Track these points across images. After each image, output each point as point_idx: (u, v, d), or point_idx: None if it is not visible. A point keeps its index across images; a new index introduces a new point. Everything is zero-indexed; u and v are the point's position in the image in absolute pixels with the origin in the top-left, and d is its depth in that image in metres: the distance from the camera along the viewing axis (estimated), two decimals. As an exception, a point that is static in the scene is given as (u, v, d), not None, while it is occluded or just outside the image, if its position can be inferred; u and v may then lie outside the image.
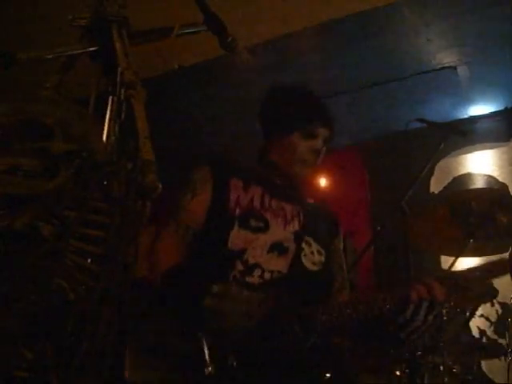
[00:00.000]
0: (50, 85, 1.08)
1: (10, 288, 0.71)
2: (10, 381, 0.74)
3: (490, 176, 4.37)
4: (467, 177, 4.44)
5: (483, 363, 3.37)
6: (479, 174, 4.39)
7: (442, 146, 2.55)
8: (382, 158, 4.53)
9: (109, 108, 1.00)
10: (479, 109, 4.46)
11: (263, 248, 1.68)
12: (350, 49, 3.81)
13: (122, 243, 0.74)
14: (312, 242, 1.77)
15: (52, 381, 0.74)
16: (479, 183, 4.37)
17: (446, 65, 3.98)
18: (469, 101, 4.37)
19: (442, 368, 2.65)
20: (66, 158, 0.73)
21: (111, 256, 0.74)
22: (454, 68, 4.01)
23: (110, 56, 1.05)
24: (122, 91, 1.00)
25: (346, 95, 4.19)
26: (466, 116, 4.50)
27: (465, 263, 3.71)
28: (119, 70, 1.01)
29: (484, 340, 3.09)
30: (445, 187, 4.40)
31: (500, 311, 3.64)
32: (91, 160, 0.73)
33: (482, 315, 3.39)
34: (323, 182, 4.48)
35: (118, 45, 1.04)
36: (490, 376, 3.43)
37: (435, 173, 4.37)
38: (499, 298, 3.50)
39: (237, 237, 1.68)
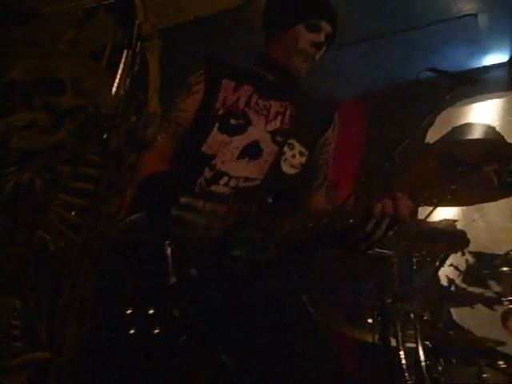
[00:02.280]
0: (67, 38, 1.08)
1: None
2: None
3: (489, 126, 4.20)
4: (466, 127, 4.28)
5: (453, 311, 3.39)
6: (479, 124, 4.23)
7: (449, 96, 2.49)
8: (385, 110, 4.43)
9: (122, 61, 0.98)
10: (494, 58, 4.32)
11: (234, 153, 1.61)
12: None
13: (109, 195, 0.75)
14: (295, 143, 1.70)
15: (39, 329, 0.77)
16: (476, 133, 4.21)
17: (467, 12, 3.83)
18: (484, 50, 4.23)
19: (412, 316, 2.66)
20: (72, 113, 0.74)
21: (96, 208, 0.75)
22: (475, 15, 3.85)
23: (127, 8, 1.03)
24: (138, 44, 1.01)
25: (361, 45, 4.08)
26: (479, 66, 4.39)
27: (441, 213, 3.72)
28: (137, 22, 1.01)
29: (452, 289, 3.12)
30: (441, 137, 4.25)
31: (471, 261, 3.63)
32: (96, 114, 0.74)
33: (451, 264, 3.40)
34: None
35: None
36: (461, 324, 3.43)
37: (435, 123, 4.22)
38: (472, 248, 3.50)
39: (213, 139, 1.63)
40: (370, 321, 2.85)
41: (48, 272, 0.76)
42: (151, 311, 1.29)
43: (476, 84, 2.46)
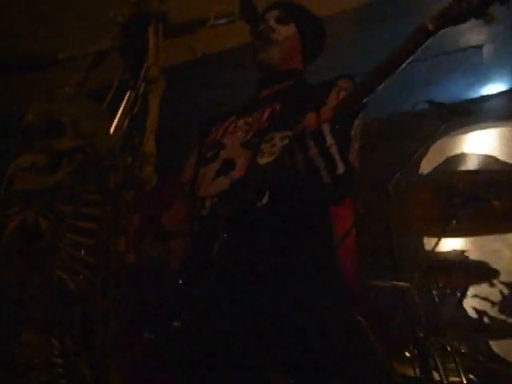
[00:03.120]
0: (74, 81, 1.13)
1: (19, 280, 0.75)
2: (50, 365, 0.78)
3: (487, 156, 4.20)
4: (461, 157, 4.27)
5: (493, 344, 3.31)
6: (474, 154, 4.23)
7: (443, 127, 2.52)
8: (379, 140, 4.45)
9: (124, 102, 1.04)
10: (492, 88, 4.37)
11: (210, 177, 1.63)
12: (376, 31, 3.76)
13: (114, 234, 0.78)
14: (276, 134, 1.58)
15: (81, 367, 0.78)
16: (471, 164, 4.20)
17: (473, 44, 3.89)
18: (484, 80, 4.29)
19: (449, 349, 2.63)
20: (70, 154, 0.77)
21: (103, 247, 0.78)
22: (480, 47, 3.92)
23: (140, 51, 1.07)
24: (142, 86, 1.04)
25: (361, 76, 4.15)
26: (478, 95, 4.43)
27: (449, 244, 3.71)
28: (145, 65, 1.03)
29: (487, 320, 3.02)
30: (434, 168, 4.23)
31: (505, 291, 3.57)
32: (93, 155, 0.77)
33: (475, 295, 3.35)
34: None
35: (151, 40, 1.05)
36: (504, 356, 3.32)
37: (429, 153, 4.21)
38: (504, 278, 3.45)
39: (199, 177, 1.70)
40: (407, 354, 2.78)
41: (75, 311, 0.79)
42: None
43: (471, 115, 2.49)
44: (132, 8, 1.11)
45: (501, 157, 4.18)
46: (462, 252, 3.89)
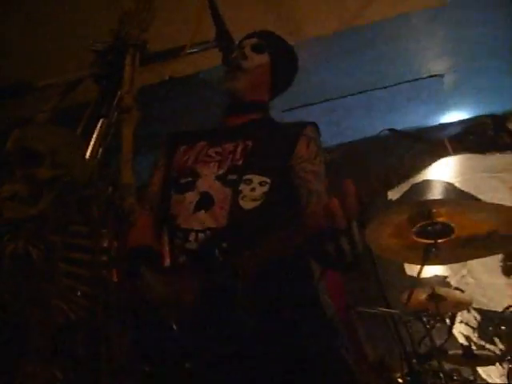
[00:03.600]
0: (48, 108, 1.15)
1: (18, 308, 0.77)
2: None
3: (448, 183, 4.36)
4: (425, 184, 4.40)
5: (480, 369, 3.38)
6: (438, 181, 4.38)
7: (406, 156, 2.61)
8: (344, 165, 4.53)
9: (97, 130, 1.04)
10: (451, 116, 4.56)
11: (189, 209, 1.62)
12: (345, 60, 3.87)
13: (106, 264, 0.80)
14: (253, 177, 1.62)
15: None
16: (437, 191, 4.35)
17: (434, 73, 4.06)
18: (444, 108, 4.48)
19: (441, 375, 2.70)
20: (49, 184, 0.79)
21: (100, 277, 0.79)
22: (442, 76, 4.08)
23: (115, 79, 1.09)
24: (115, 114, 1.07)
25: (326, 103, 4.26)
26: (436, 123, 4.60)
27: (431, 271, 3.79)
28: (119, 93, 1.05)
29: (473, 347, 3.09)
30: (402, 195, 4.30)
31: (478, 318, 3.68)
32: (72, 184, 0.79)
33: (461, 321, 3.47)
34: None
35: (127, 69, 1.07)
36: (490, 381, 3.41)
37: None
38: (484, 306, 3.59)
39: (173, 203, 1.68)
40: (400, 380, 2.85)
41: (77, 341, 0.80)
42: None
43: (430, 144, 2.58)
44: (112, 36, 1.13)
45: (458, 184, 4.37)
46: (444, 278, 4.03)
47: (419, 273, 2.75)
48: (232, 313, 1.39)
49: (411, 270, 3.90)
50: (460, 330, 3.49)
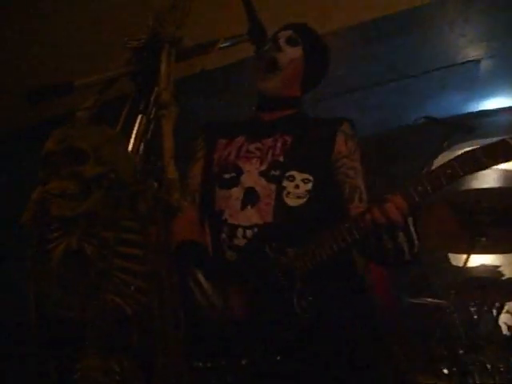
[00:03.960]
0: (86, 105, 1.17)
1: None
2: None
3: (506, 170, 4.24)
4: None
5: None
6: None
7: (446, 144, 2.58)
8: (383, 154, 4.50)
9: (136, 126, 1.06)
10: (492, 103, 4.45)
11: (237, 205, 1.65)
12: (380, 47, 3.81)
13: (158, 259, 0.81)
14: (296, 173, 1.66)
15: None
16: (477, 179, 4.22)
17: (471, 59, 3.96)
18: (481, 95, 4.37)
19: (489, 367, 2.67)
20: (96, 181, 0.81)
21: (153, 272, 0.81)
22: (478, 61, 3.98)
23: (151, 76, 1.10)
24: (153, 110, 1.08)
25: (359, 92, 4.22)
26: (475, 110, 4.50)
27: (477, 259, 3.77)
28: (156, 89, 1.06)
29: None
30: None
31: None
32: (119, 181, 0.81)
33: (507, 311, 3.39)
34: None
35: (163, 65, 1.08)
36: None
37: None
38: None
39: (218, 197, 1.70)
40: (445, 371, 2.81)
41: (133, 335, 0.82)
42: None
43: (472, 131, 2.54)
44: (148, 32, 1.14)
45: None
46: (496, 267, 3.99)
47: (465, 262, 2.76)
48: (287, 311, 1.42)
49: (456, 259, 3.83)
50: (505, 321, 3.42)
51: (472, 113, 4.50)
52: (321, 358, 1.46)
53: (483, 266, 3.94)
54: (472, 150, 1.33)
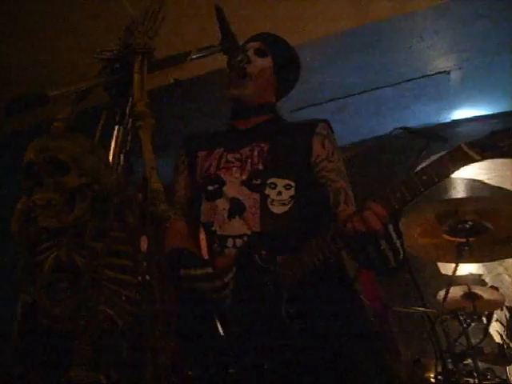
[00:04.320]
0: (62, 116, 1.17)
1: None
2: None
3: (473, 180, 4.39)
4: (448, 181, 4.43)
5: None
6: (459, 178, 4.40)
7: (424, 153, 2.64)
8: (363, 165, 4.55)
9: (115, 137, 1.06)
10: (464, 113, 4.56)
11: (223, 215, 1.66)
12: (350, 59, 3.89)
13: (149, 271, 0.82)
14: (277, 180, 1.67)
15: None
16: (460, 188, 4.40)
17: (441, 70, 4.06)
18: (454, 105, 4.48)
19: (475, 375, 2.70)
20: (80, 191, 0.81)
21: (145, 283, 0.81)
22: (448, 73, 4.09)
23: (125, 86, 1.11)
24: (130, 121, 1.08)
25: (335, 101, 4.29)
26: (448, 120, 4.61)
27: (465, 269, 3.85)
28: (131, 100, 1.07)
29: (505, 346, 3.09)
30: (427, 193, 4.39)
31: (508, 315, 3.60)
32: (103, 192, 0.82)
33: (496, 320, 3.39)
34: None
35: (137, 76, 1.08)
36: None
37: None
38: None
39: (206, 209, 1.72)
40: (432, 380, 2.86)
41: (123, 346, 0.82)
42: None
43: (446, 141, 2.61)
44: (120, 43, 1.15)
45: (488, 181, 4.38)
46: (480, 276, 4.08)
47: (454, 271, 2.80)
48: (276, 319, 1.43)
49: (445, 268, 3.91)
50: (496, 329, 3.48)
51: (445, 123, 4.60)
52: (309, 366, 1.47)
53: (471, 275, 4.04)
54: (440, 156, 1.38)
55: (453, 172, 1.35)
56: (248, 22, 2.84)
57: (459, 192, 4.37)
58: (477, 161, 1.34)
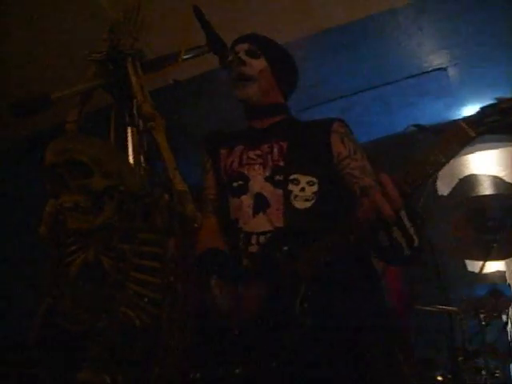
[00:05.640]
0: (71, 118, 1.18)
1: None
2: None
3: (495, 177, 4.47)
4: (471, 178, 4.54)
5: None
6: (483, 175, 4.50)
7: (433, 146, 2.67)
8: (380, 161, 4.58)
9: (129, 139, 1.09)
10: (473, 108, 4.58)
11: (249, 212, 1.71)
12: (343, 56, 3.92)
13: (176, 272, 0.83)
14: (299, 176, 1.71)
15: None
16: (486, 185, 4.47)
17: (437, 66, 4.10)
18: (460, 101, 4.51)
19: (484, 372, 2.74)
20: (107, 193, 0.82)
21: (169, 284, 0.83)
22: (445, 69, 4.12)
23: (125, 88, 1.13)
24: (141, 123, 1.10)
25: (341, 100, 4.32)
26: (458, 117, 4.64)
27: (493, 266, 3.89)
28: (135, 102, 1.10)
29: None
30: (451, 191, 4.48)
31: None
32: (129, 193, 0.83)
33: None
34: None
35: (133, 78, 1.11)
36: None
37: (440, 175, 4.44)
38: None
39: (232, 206, 1.76)
40: (439, 378, 2.89)
41: (134, 347, 0.83)
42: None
43: (453, 131, 2.63)
44: (106, 45, 1.17)
45: (506, 178, 4.45)
46: (505, 273, 4.09)
47: (481, 269, 2.85)
48: (290, 315, 1.46)
49: (473, 266, 3.93)
50: None
51: (454, 120, 4.63)
52: (321, 364, 1.49)
53: (498, 272, 4.05)
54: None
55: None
56: (237, 23, 2.90)
57: (486, 189, 4.43)
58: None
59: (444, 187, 4.48)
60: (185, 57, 1.31)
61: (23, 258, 4.23)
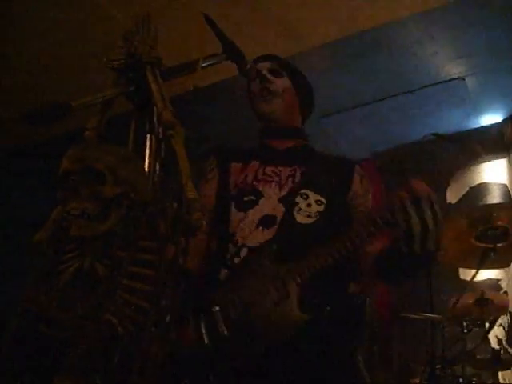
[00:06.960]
0: (91, 126, 1.19)
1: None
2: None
3: (505, 185, 4.44)
4: (483, 187, 4.50)
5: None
6: (495, 184, 4.46)
7: (446, 159, 2.69)
8: (397, 170, 4.58)
9: (148, 146, 1.09)
10: (489, 118, 4.56)
11: (251, 226, 1.69)
12: (359, 65, 3.94)
13: (169, 280, 0.82)
14: (310, 193, 1.72)
15: None
16: (495, 194, 4.44)
17: (455, 76, 4.09)
18: (478, 111, 4.48)
19: (461, 380, 2.77)
20: (116, 201, 0.83)
21: (159, 292, 0.82)
22: (463, 79, 4.12)
23: (145, 95, 1.12)
24: (160, 130, 1.09)
25: (359, 109, 4.31)
26: (477, 126, 4.62)
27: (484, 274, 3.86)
28: (156, 110, 1.09)
29: (502, 352, 3.10)
30: (460, 199, 4.47)
31: (509, 320, 3.64)
32: (139, 200, 0.83)
33: (500, 325, 3.44)
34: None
35: (154, 86, 1.10)
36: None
37: (451, 183, 4.42)
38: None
39: (233, 219, 1.74)
40: None
41: (114, 354, 0.82)
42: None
43: (464, 148, 2.65)
44: (124, 53, 1.17)
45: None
46: (497, 281, 4.10)
47: (473, 277, 2.84)
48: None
49: (465, 274, 3.92)
50: (496, 334, 3.48)
51: (473, 128, 4.61)
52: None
53: (489, 280, 4.03)
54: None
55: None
56: (245, 35, 2.93)
57: (495, 198, 4.42)
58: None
59: (453, 195, 4.47)
60: (203, 64, 1.31)
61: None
